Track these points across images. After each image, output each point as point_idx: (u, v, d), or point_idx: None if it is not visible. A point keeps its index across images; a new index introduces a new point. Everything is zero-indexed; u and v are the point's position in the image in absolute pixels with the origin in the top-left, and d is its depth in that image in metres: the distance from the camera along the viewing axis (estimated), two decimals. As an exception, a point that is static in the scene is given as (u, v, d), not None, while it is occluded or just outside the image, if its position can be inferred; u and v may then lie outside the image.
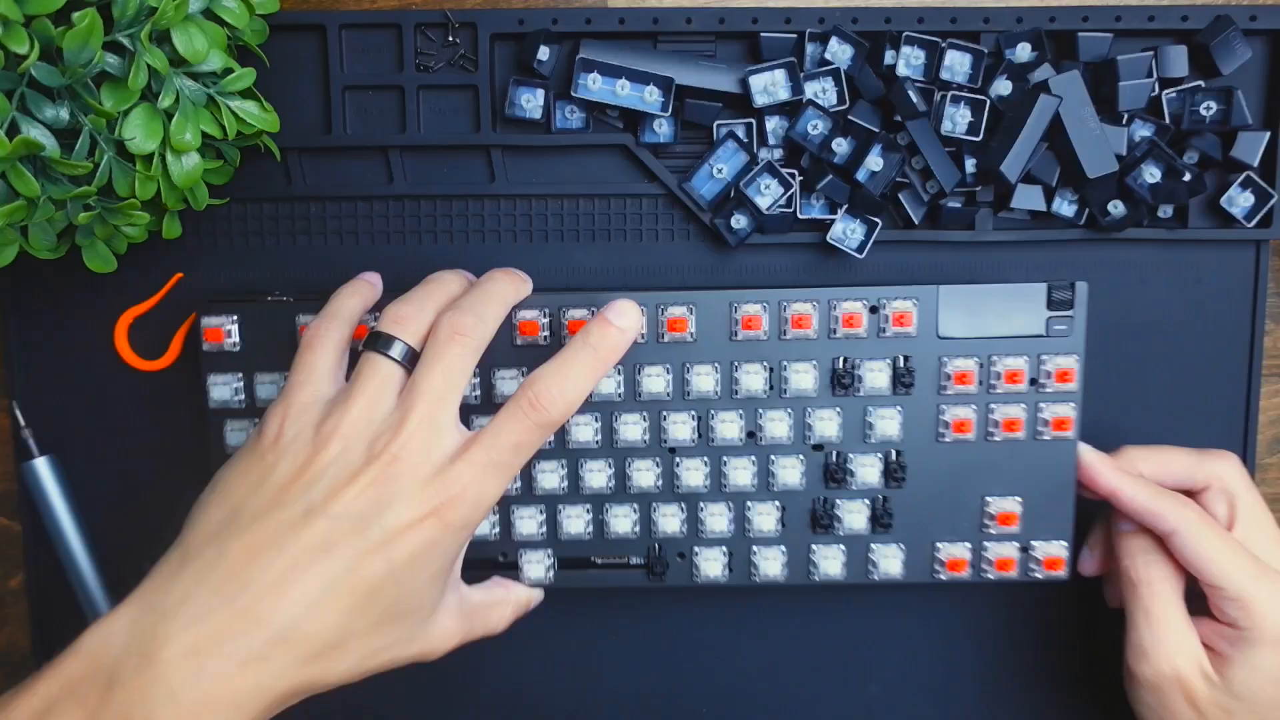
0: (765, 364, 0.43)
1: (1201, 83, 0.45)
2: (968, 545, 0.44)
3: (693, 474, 0.44)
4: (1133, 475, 0.42)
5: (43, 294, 0.46)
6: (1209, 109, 0.44)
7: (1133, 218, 0.45)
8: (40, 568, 0.48)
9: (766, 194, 0.44)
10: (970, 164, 0.44)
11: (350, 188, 0.46)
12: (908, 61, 0.43)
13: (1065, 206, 0.45)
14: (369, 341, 0.38)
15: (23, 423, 0.46)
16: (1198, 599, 0.41)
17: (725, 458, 0.44)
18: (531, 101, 0.45)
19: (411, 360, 0.37)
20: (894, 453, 0.44)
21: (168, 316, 0.46)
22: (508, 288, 0.41)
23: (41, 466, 0.46)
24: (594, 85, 0.43)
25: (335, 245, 0.47)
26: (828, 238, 0.45)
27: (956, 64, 0.43)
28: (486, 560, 0.44)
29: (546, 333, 0.43)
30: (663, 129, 0.45)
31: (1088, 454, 0.43)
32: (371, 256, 0.47)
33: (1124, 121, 0.44)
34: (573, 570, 0.45)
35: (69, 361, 0.47)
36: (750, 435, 0.44)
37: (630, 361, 0.43)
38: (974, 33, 0.44)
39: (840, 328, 0.43)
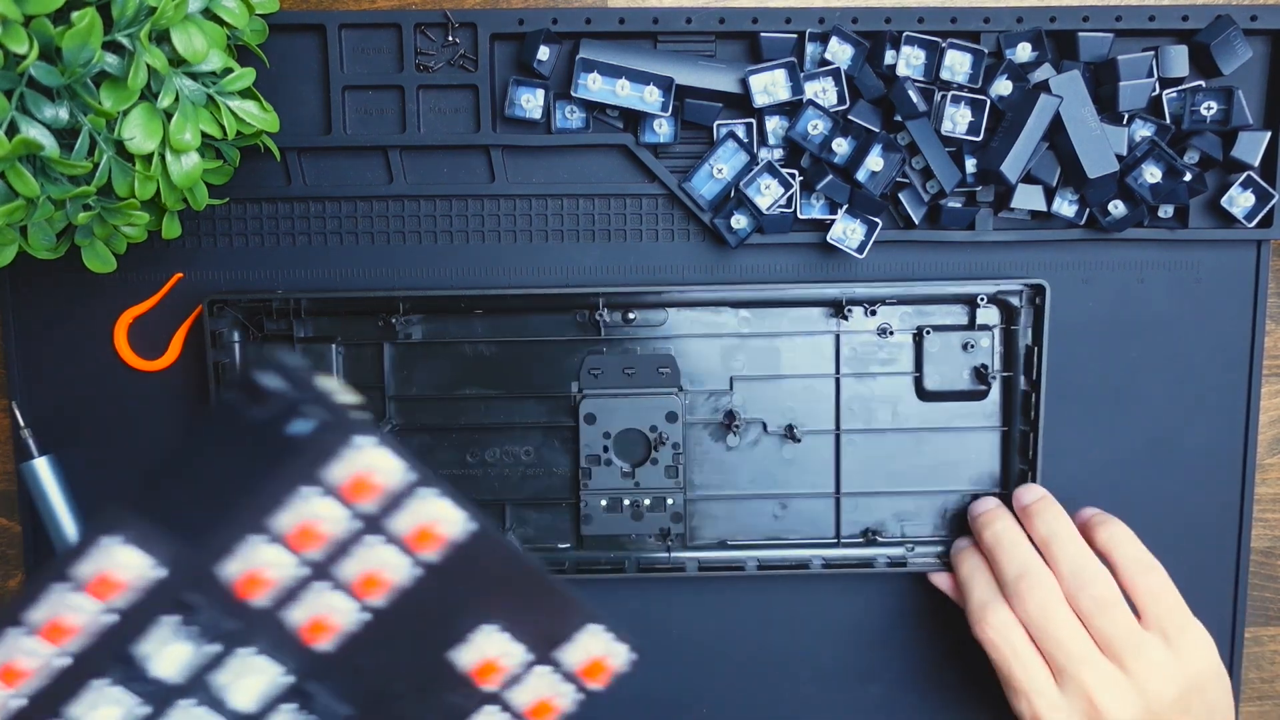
0: None
1: (1202, 83, 0.45)
2: None
3: None
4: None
5: (43, 294, 0.46)
6: (1209, 109, 0.44)
7: (1133, 218, 0.45)
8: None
9: (766, 194, 0.44)
10: (970, 164, 0.44)
11: (350, 188, 0.46)
12: (908, 61, 0.43)
13: (1065, 206, 0.45)
14: None
15: (22, 423, 0.46)
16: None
17: None
18: (531, 101, 0.44)
19: None
20: None
21: (168, 316, 0.46)
22: None
23: (41, 466, 0.46)
24: (594, 85, 0.43)
25: (335, 245, 0.47)
26: (828, 238, 0.45)
27: (957, 64, 0.43)
28: None
29: None
30: (663, 129, 0.45)
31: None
32: (371, 256, 0.47)
33: (1124, 121, 0.44)
34: None
35: (69, 361, 0.47)
36: None
37: None
38: (974, 32, 0.44)
39: None
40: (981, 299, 0.46)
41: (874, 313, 0.46)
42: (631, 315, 0.46)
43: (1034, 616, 0.41)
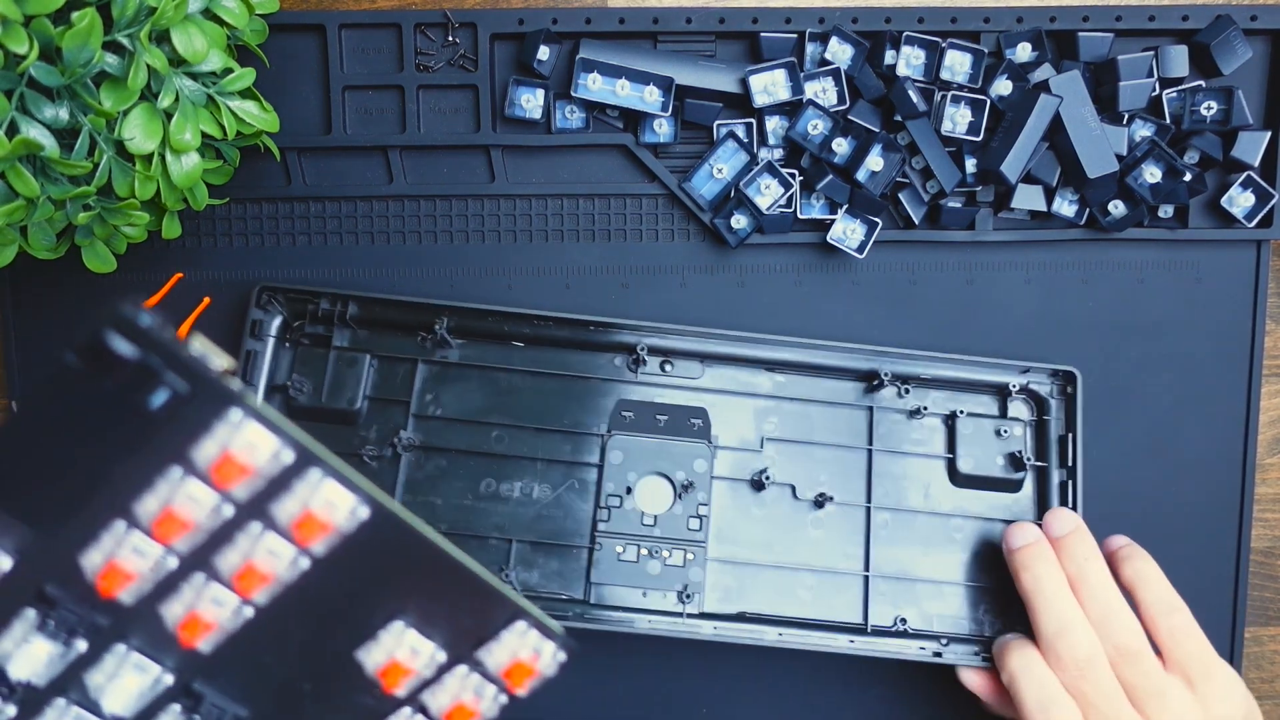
0: None
1: (1202, 82, 0.45)
2: None
3: None
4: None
5: (43, 294, 0.46)
6: (1209, 109, 0.44)
7: (1133, 218, 0.45)
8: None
9: (766, 194, 0.44)
10: (970, 164, 0.44)
11: (350, 188, 0.46)
12: (908, 61, 0.43)
13: (1065, 206, 0.45)
14: None
15: (22, 423, 0.46)
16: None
17: None
18: (531, 101, 0.44)
19: None
20: None
21: (168, 316, 0.46)
22: None
23: (41, 466, 0.46)
24: (594, 85, 0.43)
25: (335, 245, 0.47)
26: (828, 238, 0.45)
27: (957, 64, 0.43)
28: None
29: None
30: (663, 129, 0.45)
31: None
32: (371, 256, 0.47)
33: (1124, 121, 0.44)
34: None
35: (69, 361, 0.47)
36: None
37: None
38: (974, 32, 0.44)
39: None
40: (1012, 388, 0.45)
41: (907, 392, 0.46)
42: (669, 365, 0.46)
43: (1070, 676, 0.40)
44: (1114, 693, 0.40)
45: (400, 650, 0.29)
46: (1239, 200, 0.45)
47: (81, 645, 0.28)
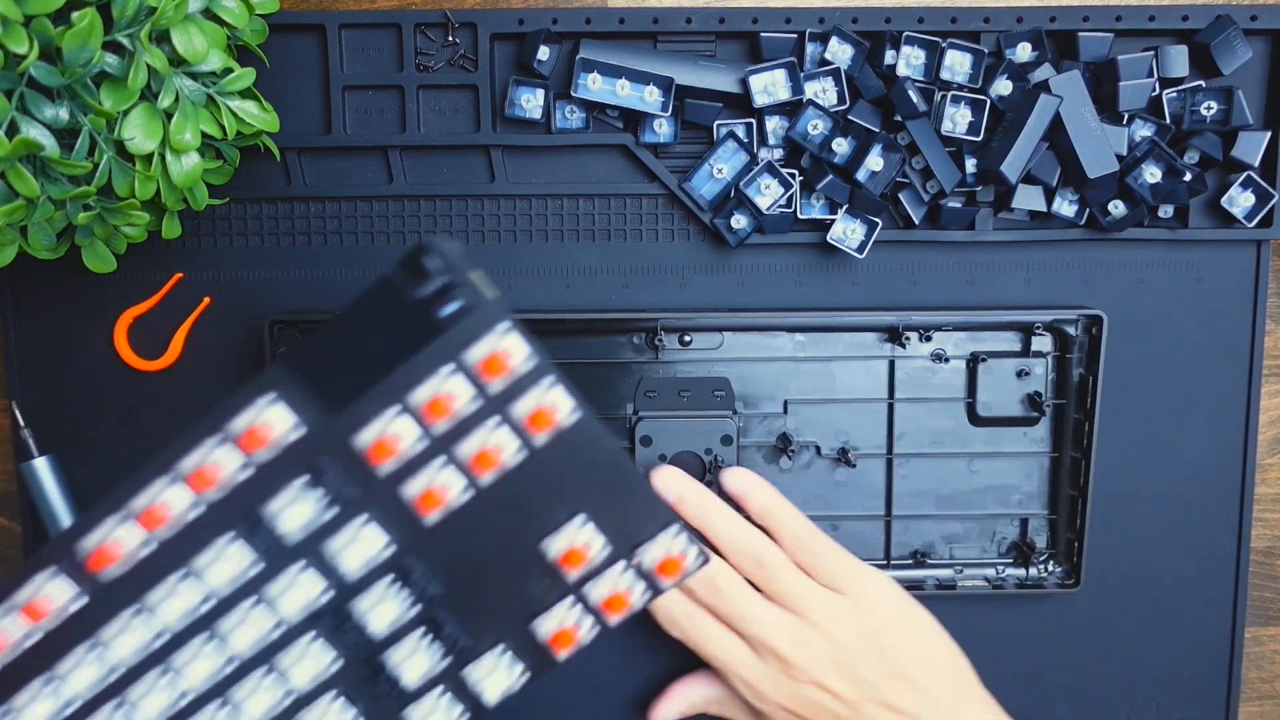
0: None
1: (1202, 83, 0.45)
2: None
3: None
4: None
5: (43, 294, 0.46)
6: (1209, 109, 0.44)
7: (1133, 218, 0.45)
8: (40, 568, 0.48)
9: (766, 194, 0.44)
10: (970, 164, 0.44)
11: (350, 188, 0.46)
12: (908, 61, 0.43)
13: (1065, 206, 0.45)
14: None
15: (22, 423, 0.46)
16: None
17: None
18: (531, 101, 0.44)
19: None
20: None
21: (168, 316, 0.46)
22: None
23: (41, 466, 0.46)
24: (594, 85, 0.43)
25: (335, 245, 0.47)
26: (828, 238, 0.45)
27: (957, 64, 0.43)
28: None
29: None
30: (663, 129, 0.45)
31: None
32: (371, 256, 0.47)
33: (1124, 121, 0.44)
34: None
35: (69, 361, 0.47)
36: None
37: None
38: (974, 32, 0.44)
39: None
40: (1038, 327, 0.46)
41: (929, 338, 0.46)
42: (688, 338, 0.46)
43: (706, 598, 0.42)
44: (752, 596, 0.42)
45: (579, 539, 0.34)
46: (1239, 200, 0.45)
47: (332, 512, 0.33)
